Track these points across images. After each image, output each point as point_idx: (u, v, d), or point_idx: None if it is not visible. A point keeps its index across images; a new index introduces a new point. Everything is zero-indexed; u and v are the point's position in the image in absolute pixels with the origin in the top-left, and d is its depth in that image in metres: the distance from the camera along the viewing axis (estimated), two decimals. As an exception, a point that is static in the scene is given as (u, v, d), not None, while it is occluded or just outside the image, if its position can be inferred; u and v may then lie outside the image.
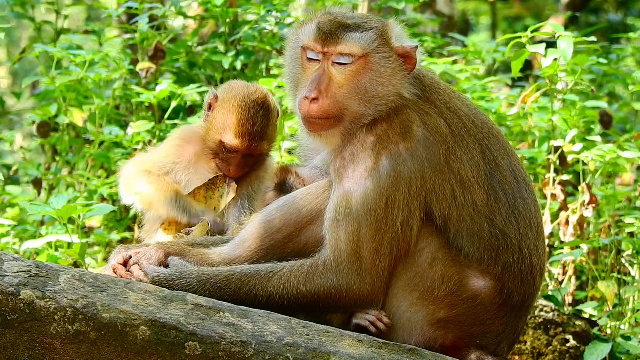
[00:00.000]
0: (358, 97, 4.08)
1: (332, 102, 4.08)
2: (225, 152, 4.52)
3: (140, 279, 3.98)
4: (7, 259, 3.64)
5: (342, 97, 4.08)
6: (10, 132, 7.38)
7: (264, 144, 4.53)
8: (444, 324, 3.99)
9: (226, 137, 4.49)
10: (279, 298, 3.95)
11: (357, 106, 4.09)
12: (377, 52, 4.10)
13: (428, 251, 3.98)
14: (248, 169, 4.58)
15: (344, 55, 4.08)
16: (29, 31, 16.83)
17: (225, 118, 4.50)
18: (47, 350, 3.53)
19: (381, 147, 4.01)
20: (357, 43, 4.09)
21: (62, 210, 4.52)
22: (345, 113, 4.09)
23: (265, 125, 4.50)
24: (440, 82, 4.29)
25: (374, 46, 4.10)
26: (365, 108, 4.08)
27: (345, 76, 4.09)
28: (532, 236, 4.11)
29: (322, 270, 3.96)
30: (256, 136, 4.48)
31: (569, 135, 6.17)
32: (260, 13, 7.47)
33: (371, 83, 4.09)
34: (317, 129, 4.12)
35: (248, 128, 4.47)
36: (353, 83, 4.09)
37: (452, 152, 4.05)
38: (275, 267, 4.00)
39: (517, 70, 6.07)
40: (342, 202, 3.97)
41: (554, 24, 6.43)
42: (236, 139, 4.48)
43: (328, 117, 4.08)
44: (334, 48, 4.08)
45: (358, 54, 4.08)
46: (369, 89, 4.09)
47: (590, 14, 17.12)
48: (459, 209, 4.01)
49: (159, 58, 7.26)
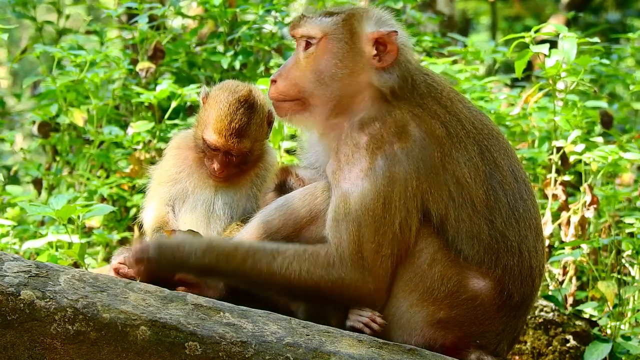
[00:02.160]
0: (314, 77, 4.10)
1: (287, 83, 4.13)
2: (209, 150, 4.51)
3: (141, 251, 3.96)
4: (7, 259, 3.64)
5: (297, 78, 4.12)
6: (10, 132, 7.38)
7: (244, 141, 4.47)
8: (444, 324, 3.99)
9: (206, 133, 4.47)
10: (280, 278, 3.94)
11: (313, 87, 4.10)
12: (337, 34, 4.10)
13: (427, 252, 3.97)
14: (235, 170, 4.54)
15: (306, 38, 4.13)
16: (29, 31, 16.83)
17: (208, 114, 4.49)
18: (47, 350, 3.53)
19: (375, 147, 3.99)
20: (317, 24, 4.12)
21: (61, 210, 4.52)
22: (305, 95, 4.11)
23: (246, 122, 4.45)
24: (442, 84, 4.23)
25: (333, 28, 4.11)
26: (322, 90, 4.09)
27: (307, 58, 4.12)
28: (532, 238, 4.10)
29: (323, 262, 3.95)
30: (234, 133, 4.43)
31: (571, 136, 6.16)
32: (258, 13, 7.47)
33: (326, 64, 4.09)
34: (282, 113, 4.17)
35: (226, 125, 4.43)
36: (311, 64, 4.11)
37: (447, 154, 4.02)
38: (280, 247, 3.98)
39: (520, 71, 6.06)
40: (341, 203, 3.96)
41: (557, 24, 6.43)
42: (214, 134, 4.44)
43: (285, 98, 4.13)
44: (297, 31, 4.16)
45: (317, 35, 4.11)
46: (323, 70, 4.09)
47: (590, 13, 17.11)
48: (457, 210, 4.00)
49: (158, 58, 7.26)
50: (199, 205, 4.56)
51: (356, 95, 4.11)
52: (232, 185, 4.59)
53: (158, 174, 4.66)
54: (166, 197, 4.58)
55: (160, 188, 4.61)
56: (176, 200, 4.58)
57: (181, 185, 4.59)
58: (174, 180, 4.60)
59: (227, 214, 4.56)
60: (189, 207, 4.57)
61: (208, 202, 4.57)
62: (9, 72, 14.81)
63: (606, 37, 11.72)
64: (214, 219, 4.55)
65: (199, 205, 4.56)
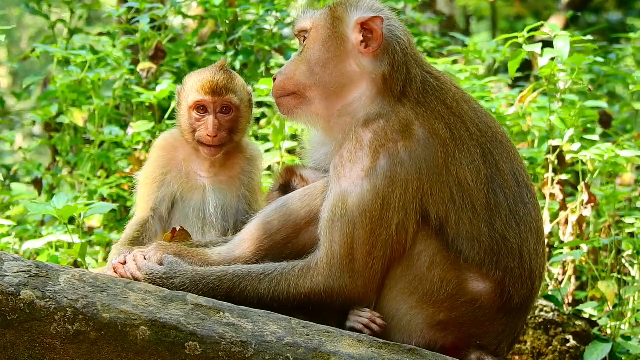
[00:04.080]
0: (306, 68, 4.13)
1: (283, 77, 4.17)
2: (199, 116, 4.55)
3: (132, 272, 3.98)
4: (7, 259, 3.64)
5: (292, 72, 4.16)
6: (10, 132, 7.39)
7: (231, 95, 4.54)
8: (444, 326, 3.99)
9: (193, 96, 4.54)
10: (269, 300, 3.95)
11: (306, 78, 4.13)
12: (323, 22, 4.14)
13: (426, 254, 3.96)
14: (226, 134, 4.55)
15: (302, 33, 4.19)
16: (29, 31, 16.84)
17: (190, 87, 4.58)
18: (47, 350, 3.53)
19: (379, 145, 3.97)
20: (308, 17, 4.18)
21: (62, 209, 4.53)
22: (300, 88, 4.14)
23: (228, 78, 4.56)
24: (447, 84, 4.20)
25: (320, 17, 4.15)
26: (314, 79, 4.12)
27: (301, 51, 4.18)
28: (533, 241, 4.09)
29: (313, 273, 3.96)
30: (221, 86, 4.53)
31: (567, 135, 6.17)
32: (259, 13, 7.48)
33: (315, 52, 4.13)
34: (283, 110, 4.20)
35: (210, 80, 4.53)
36: (304, 56, 4.16)
37: (450, 155, 4.01)
38: (267, 269, 3.99)
39: (514, 70, 6.08)
40: (338, 202, 3.95)
41: (551, 24, 6.43)
42: (201, 91, 4.52)
43: (282, 94, 4.17)
44: (295, 27, 4.25)
45: (308, 27, 4.17)
46: (313, 59, 4.12)
47: (590, 13, 17.10)
48: (457, 212, 3.98)
49: (159, 58, 7.26)
50: (190, 213, 4.56)
51: (351, 85, 4.10)
52: (221, 183, 4.59)
53: (143, 177, 4.66)
54: (151, 200, 4.57)
55: (145, 191, 4.61)
56: (164, 204, 4.58)
57: (168, 189, 4.58)
58: (160, 182, 4.59)
59: (220, 217, 4.56)
60: (181, 214, 4.57)
61: (200, 207, 4.57)
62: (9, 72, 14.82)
63: (606, 37, 11.72)
64: (207, 226, 4.56)
65: (190, 212, 4.56)
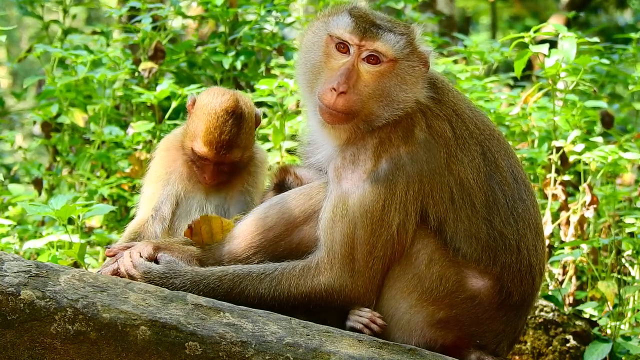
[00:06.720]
0: (380, 98, 4.05)
1: (357, 98, 4.03)
2: (198, 160, 4.50)
3: (128, 270, 3.98)
4: (7, 259, 3.64)
5: (366, 96, 4.04)
6: (10, 132, 7.38)
7: (234, 152, 4.46)
8: (444, 324, 4.00)
9: (196, 145, 4.45)
10: (270, 299, 3.96)
11: (376, 108, 4.05)
12: (406, 60, 4.08)
13: (424, 252, 3.98)
14: (226, 176, 4.53)
15: (378, 54, 4.04)
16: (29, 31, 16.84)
17: (196, 125, 4.47)
18: (47, 350, 3.53)
19: (382, 150, 4.01)
20: (392, 46, 4.04)
21: (61, 210, 4.52)
22: (363, 112, 4.05)
23: (236, 133, 4.43)
24: (447, 85, 4.27)
25: (404, 52, 4.07)
26: (383, 111, 4.05)
27: (372, 75, 4.05)
28: (531, 237, 4.11)
29: (314, 272, 3.97)
30: (225, 145, 4.42)
31: (571, 136, 6.16)
32: (260, 13, 7.47)
33: (395, 88, 4.06)
34: (334, 121, 4.06)
35: (216, 136, 4.41)
36: (379, 84, 4.05)
37: (453, 155, 4.04)
38: (267, 269, 4.00)
39: (519, 70, 6.06)
40: (339, 202, 3.97)
41: (557, 24, 6.43)
42: (205, 147, 4.43)
43: (349, 112, 4.03)
44: (371, 43, 4.03)
45: (390, 56, 4.04)
46: (391, 93, 4.06)
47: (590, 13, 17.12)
48: (457, 211, 4.01)
49: (158, 58, 7.26)
50: (192, 212, 4.56)
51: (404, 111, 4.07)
52: (223, 189, 4.60)
53: (147, 178, 4.66)
54: (154, 199, 4.57)
55: (149, 190, 4.61)
56: (167, 203, 4.58)
57: (172, 188, 4.58)
58: (164, 180, 4.59)
59: (221, 215, 4.56)
60: (182, 213, 4.57)
61: (201, 206, 4.57)
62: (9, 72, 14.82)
63: (607, 37, 11.72)
64: None
65: (192, 211, 4.56)
